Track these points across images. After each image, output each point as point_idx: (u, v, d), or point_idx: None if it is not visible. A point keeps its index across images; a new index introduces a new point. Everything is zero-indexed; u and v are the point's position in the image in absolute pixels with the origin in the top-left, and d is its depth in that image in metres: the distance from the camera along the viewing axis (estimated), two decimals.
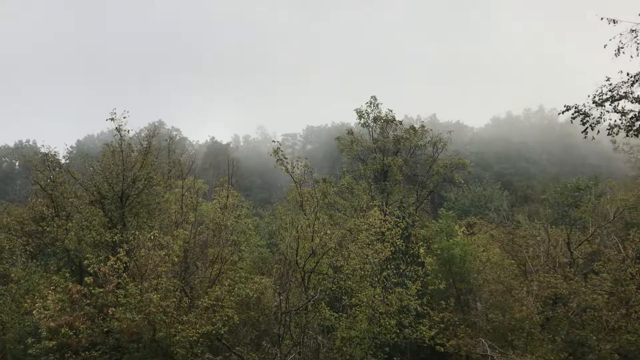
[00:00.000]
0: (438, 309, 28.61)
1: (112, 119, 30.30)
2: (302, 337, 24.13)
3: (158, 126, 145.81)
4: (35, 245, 34.00)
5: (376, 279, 25.86)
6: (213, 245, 27.63)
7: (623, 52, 17.04)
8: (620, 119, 18.12)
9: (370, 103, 49.54)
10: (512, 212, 71.63)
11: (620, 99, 17.69)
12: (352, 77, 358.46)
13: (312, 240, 24.80)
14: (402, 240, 29.86)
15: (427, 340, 26.41)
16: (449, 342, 28.13)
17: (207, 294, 23.54)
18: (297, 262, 24.81)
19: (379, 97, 49.79)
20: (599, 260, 31.88)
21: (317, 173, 42.89)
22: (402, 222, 31.17)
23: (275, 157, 26.67)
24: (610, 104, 17.91)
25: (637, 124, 17.98)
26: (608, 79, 17.66)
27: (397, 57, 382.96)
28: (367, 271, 25.62)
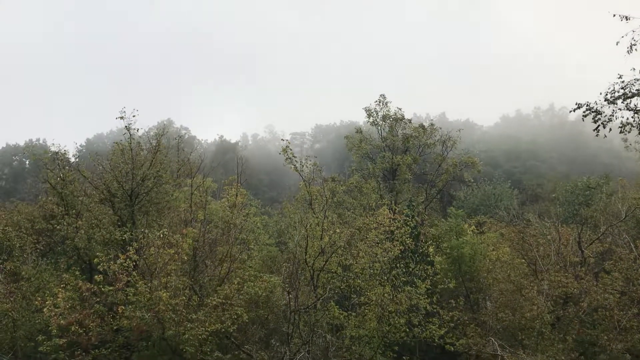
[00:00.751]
0: (447, 308, 28.46)
1: (121, 117, 30.38)
2: (311, 336, 24.12)
3: (167, 125, 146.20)
4: (45, 244, 34.14)
5: (385, 278, 25.79)
6: (222, 243, 27.64)
7: (636, 49, 16.89)
8: (632, 117, 17.95)
9: (379, 101, 49.45)
10: (522, 210, 71.10)
11: (632, 96, 17.53)
12: (360, 76, 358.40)
13: (321, 238, 24.77)
14: (411, 239, 29.77)
15: (436, 339, 26.32)
16: (458, 341, 27.99)
17: (216, 292, 23.57)
18: (306, 261, 24.79)
19: (388, 95, 49.74)
20: (610, 259, 31.62)
21: (325, 172, 42.76)
22: (411, 220, 31.10)
23: (284, 155, 26.72)
24: (622, 102, 17.76)
25: None
26: (620, 77, 17.52)
27: (406, 55, 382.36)
28: (377, 270, 25.57)
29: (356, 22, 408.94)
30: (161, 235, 23.21)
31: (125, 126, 30.71)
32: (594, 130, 18.35)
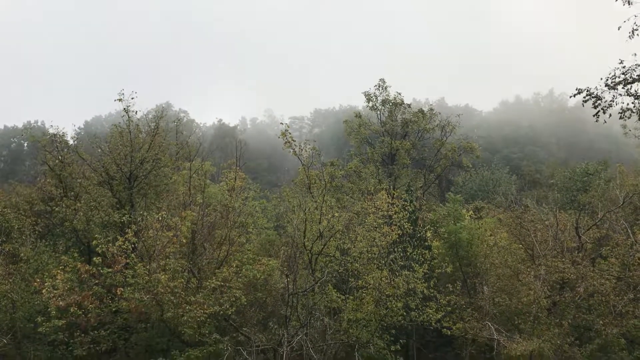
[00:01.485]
0: (445, 292, 28.60)
1: (120, 99, 30.31)
2: (309, 319, 24.25)
3: (165, 108, 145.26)
4: (44, 225, 34.24)
5: (383, 262, 25.87)
6: (221, 227, 27.70)
7: (637, 34, 16.79)
8: (633, 103, 17.89)
9: (378, 86, 49.20)
10: (520, 196, 71.30)
11: (633, 81, 17.44)
12: (360, 60, 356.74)
13: (319, 222, 24.79)
14: (409, 223, 29.81)
15: (433, 323, 26.47)
16: (455, 325, 28.19)
17: (214, 275, 23.64)
18: (304, 245, 24.84)
19: (388, 80, 49.45)
20: (607, 245, 31.73)
21: (324, 156, 42.69)
22: (410, 205, 31.11)
23: (284, 139, 26.59)
24: (623, 87, 17.67)
25: None
26: (621, 62, 17.43)
27: (406, 40, 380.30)
28: (374, 254, 25.63)
29: (357, 6, 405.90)
30: (160, 218, 23.23)
31: (124, 108, 30.63)
32: (593, 115, 18.28)
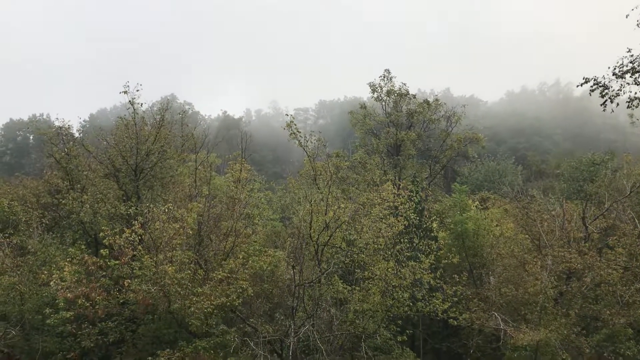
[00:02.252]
0: (451, 282, 28.58)
1: (125, 92, 30.30)
2: (316, 310, 24.28)
3: (170, 100, 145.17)
4: (51, 218, 34.34)
5: (389, 253, 25.84)
6: (226, 218, 27.71)
7: None
8: None
9: (383, 77, 49.06)
10: (527, 186, 71.04)
11: None
12: (365, 51, 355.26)
13: (325, 214, 24.78)
14: (415, 214, 29.78)
15: (439, 314, 26.45)
16: (461, 315, 28.12)
17: (221, 266, 23.67)
18: (310, 236, 24.83)
19: (393, 71, 49.34)
20: (614, 235, 31.60)
21: (329, 148, 42.66)
22: (415, 196, 31.07)
23: (289, 130, 26.57)
24: (630, 76, 17.52)
25: None
26: (629, 50, 17.26)
27: (412, 31, 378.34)
28: (380, 245, 25.60)
29: None
30: (166, 210, 23.25)
31: (129, 100, 30.63)
32: (601, 105, 18.15)
